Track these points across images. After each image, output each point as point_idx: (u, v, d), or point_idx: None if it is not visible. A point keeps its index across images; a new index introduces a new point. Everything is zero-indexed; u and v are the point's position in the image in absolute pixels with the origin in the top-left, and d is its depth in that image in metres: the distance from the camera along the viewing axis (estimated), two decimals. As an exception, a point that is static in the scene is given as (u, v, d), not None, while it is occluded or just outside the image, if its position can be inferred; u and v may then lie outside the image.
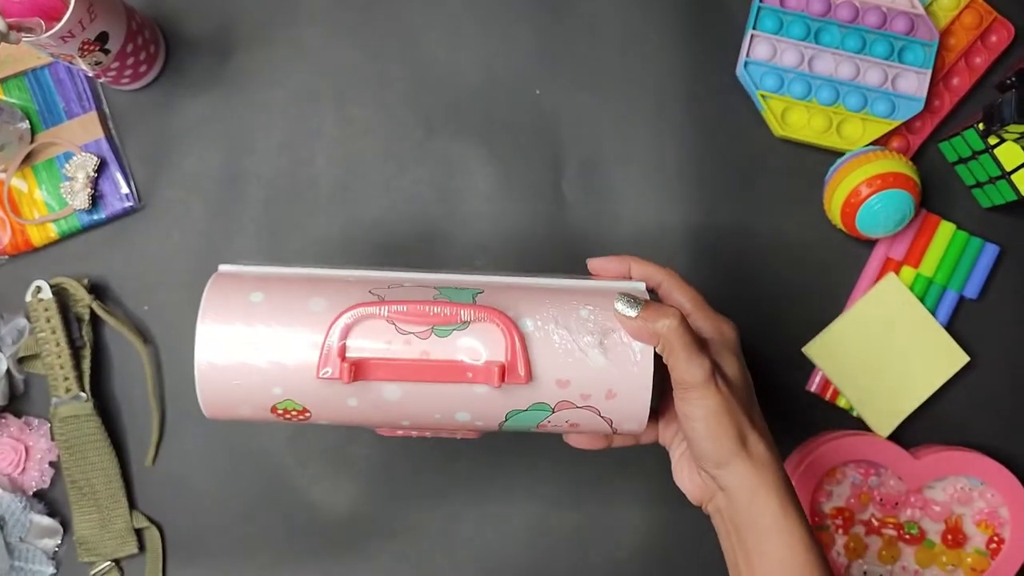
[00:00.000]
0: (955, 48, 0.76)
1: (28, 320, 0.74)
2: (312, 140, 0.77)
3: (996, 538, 0.73)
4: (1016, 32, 0.76)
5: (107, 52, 0.70)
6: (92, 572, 0.75)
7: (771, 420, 0.76)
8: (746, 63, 0.75)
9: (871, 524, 0.73)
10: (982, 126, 0.71)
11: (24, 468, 0.75)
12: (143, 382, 0.76)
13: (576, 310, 0.55)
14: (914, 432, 0.76)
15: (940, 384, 0.75)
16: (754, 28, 0.75)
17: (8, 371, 0.74)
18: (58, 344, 0.73)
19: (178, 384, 0.76)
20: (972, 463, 0.72)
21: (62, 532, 0.76)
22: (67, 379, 0.73)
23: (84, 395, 0.74)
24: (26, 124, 0.76)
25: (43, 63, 0.76)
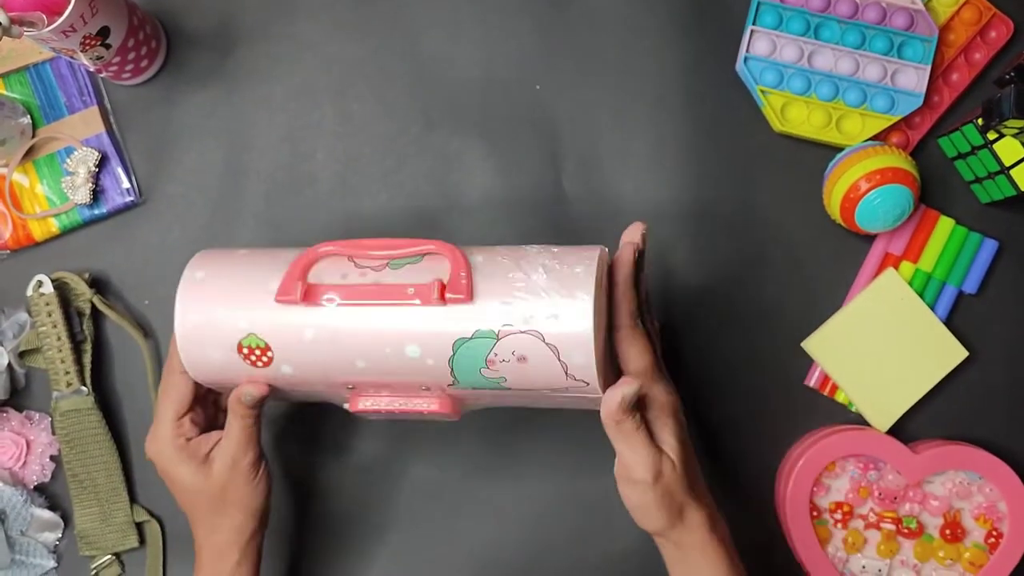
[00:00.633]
0: (954, 44, 0.76)
1: (29, 314, 0.74)
2: (312, 134, 0.77)
3: (995, 532, 0.73)
4: (1015, 28, 0.76)
5: (108, 47, 0.70)
6: (93, 566, 0.76)
7: (770, 415, 0.77)
8: (746, 58, 0.75)
9: (870, 518, 0.73)
10: (981, 121, 0.71)
11: (25, 462, 0.75)
12: (144, 376, 0.76)
13: (525, 249, 0.58)
14: (913, 427, 0.76)
15: (939, 379, 0.75)
16: (754, 23, 0.75)
17: (9, 365, 0.74)
18: (59, 338, 0.73)
19: (179, 378, 0.77)
20: (971, 458, 0.72)
21: (63, 526, 0.76)
22: (68, 373, 0.73)
23: (85, 389, 0.74)
24: (27, 119, 0.76)
25: (45, 58, 0.76)
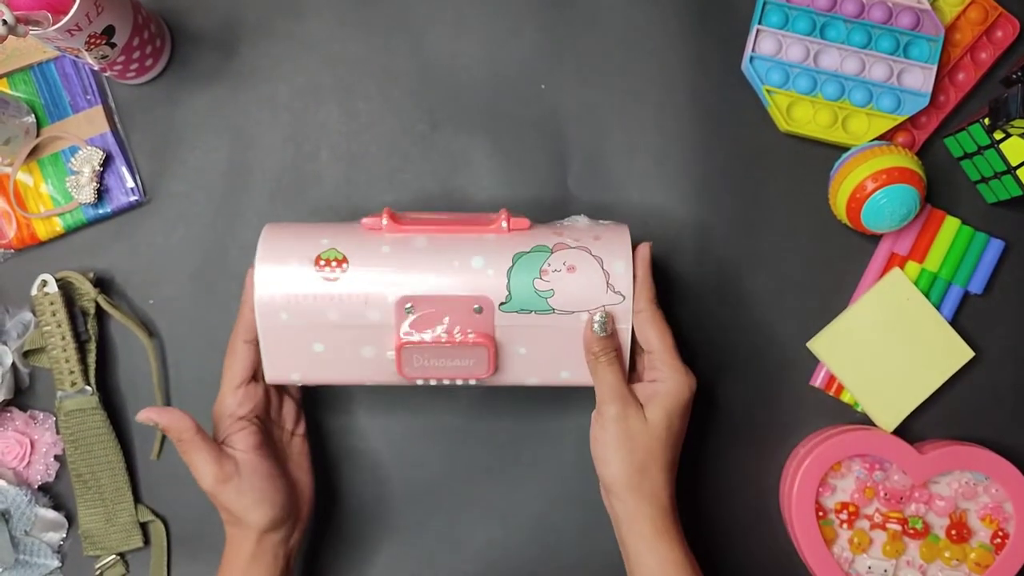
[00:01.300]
0: (960, 43, 0.76)
1: (34, 314, 0.74)
2: (317, 134, 0.77)
3: (1001, 533, 0.73)
4: (1021, 27, 0.76)
5: (113, 46, 0.70)
6: (97, 566, 0.76)
7: (776, 415, 0.77)
8: (751, 58, 0.75)
9: (875, 519, 0.73)
10: (987, 121, 0.71)
11: (29, 462, 0.75)
12: (148, 376, 0.76)
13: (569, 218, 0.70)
14: (919, 427, 0.76)
15: (945, 379, 0.75)
16: (760, 23, 0.75)
17: (13, 365, 0.74)
18: (63, 338, 0.73)
19: (183, 378, 0.76)
20: (977, 458, 0.72)
21: (67, 526, 0.76)
22: (72, 373, 0.73)
23: (89, 389, 0.74)
24: (32, 118, 0.76)
25: (49, 57, 0.76)
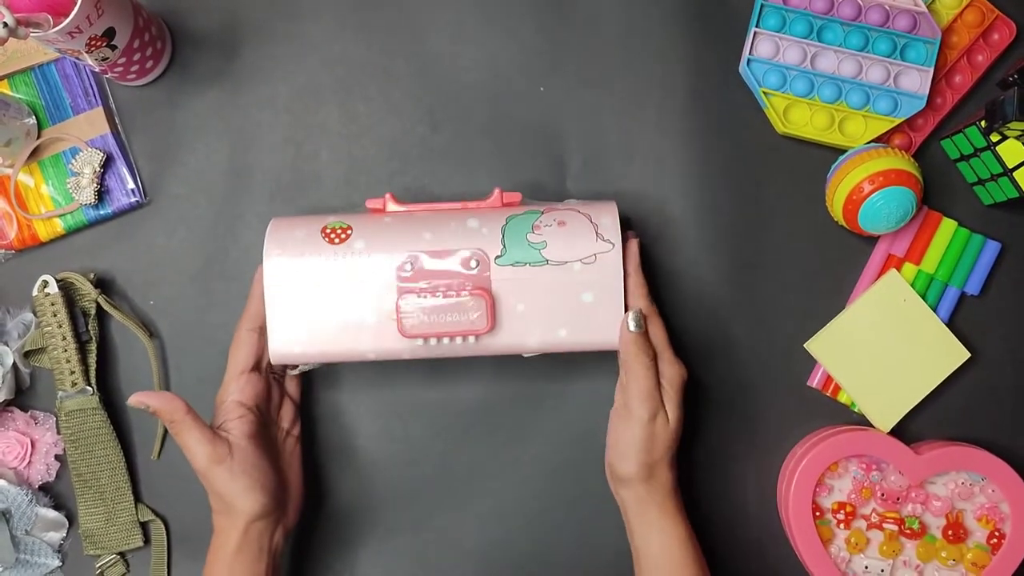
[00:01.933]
0: (957, 46, 0.76)
1: (34, 314, 0.74)
2: (317, 135, 0.78)
3: (997, 533, 0.73)
4: (1018, 30, 0.76)
5: (114, 48, 0.70)
6: (97, 565, 0.76)
7: (773, 415, 0.77)
8: (749, 60, 0.76)
9: (872, 519, 0.73)
10: (984, 123, 0.71)
11: (30, 462, 0.75)
12: (149, 376, 0.76)
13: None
14: (915, 427, 0.76)
15: (941, 380, 0.75)
16: (757, 26, 0.75)
17: (14, 365, 0.74)
18: (64, 338, 0.73)
19: (184, 378, 0.77)
20: (973, 458, 0.73)
21: (68, 525, 0.76)
22: (73, 373, 0.74)
23: (90, 389, 0.74)
24: (33, 120, 0.76)
25: (50, 59, 0.76)
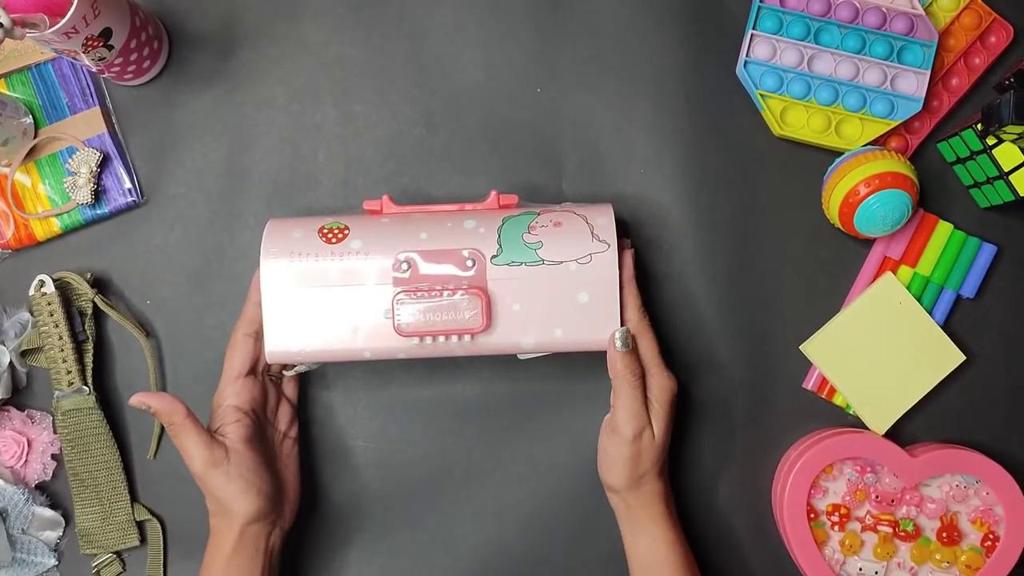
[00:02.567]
0: (954, 49, 0.76)
1: (31, 314, 0.74)
2: (314, 136, 0.78)
3: (991, 536, 0.73)
4: (1015, 33, 0.76)
5: (111, 48, 0.70)
6: (94, 564, 0.76)
7: (768, 417, 0.77)
8: (746, 62, 0.76)
9: (867, 521, 0.73)
10: (980, 127, 0.71)
11: (27, 461, 0.75)
12: (145, 376, 0.76)
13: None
14: (910, 430, 0.76)
15: (936, 383, 0.75)
16: (754, 28, 0.75)
17: (11, 364, 0.75)
18: (61, 338, 0.73)
19: (180, 377, 0.77)
20: (968, 461, 0.73)
21: (64, 524, 0.76)
22: (70, 373, 0.74)
23: (86, 389, 0.74)
24: (29, 119, 0.76)
25: (47, 58, 0.76)
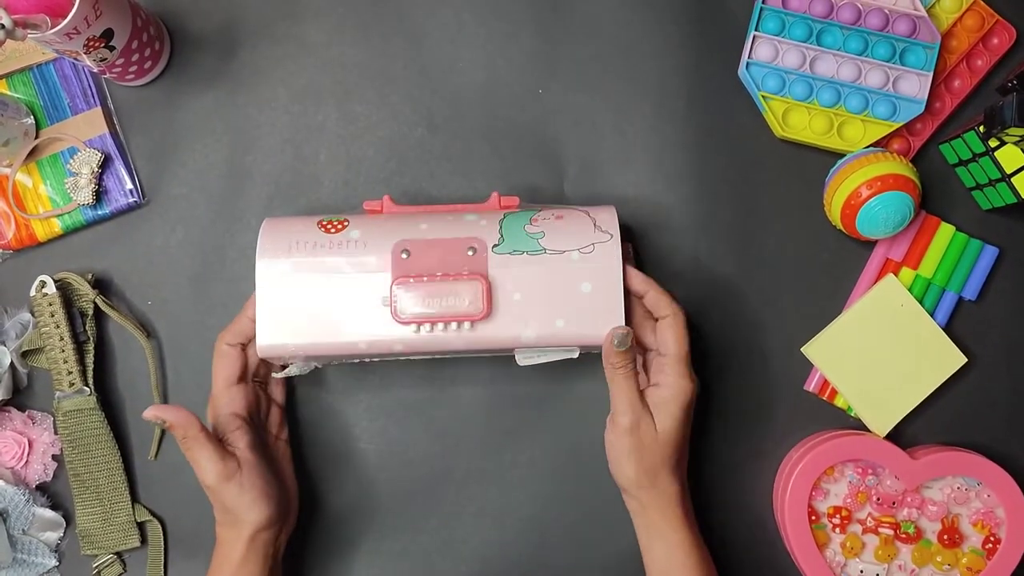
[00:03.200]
0: (956, 50, 0.76)
1: (32, 314, 0.74)
2: (315, 137, 0.78)
3: (992, 538, 0.73)
4: (1017, 35, 0.76)
5: (112, 49, 0.70)
6: (94, 565, 0.76)
7: (769, 419, 0.77)
8: (748, 64, 0.75)
9: (868, 523, 0.73)
10: (983, 129, 0.71)
11: (27, 461, 0.75)
12: (146, 376, 0.76)
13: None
14: (912, 432, 0.76)
15: (938, 385, 0.75)
16: (756, 29, 0.75)
17: (12, 365, 0.74)
18: (62, 339, 0.73)
19: (181, 378, 0.77)
20: (969, 463, 0.73)
21: (65, 525, 0.76)
22: (71, 373, 0.74)
23: (87, 389, 0.74)
24: (31, 119, 0.76)
25: (48, 59, 0.76)
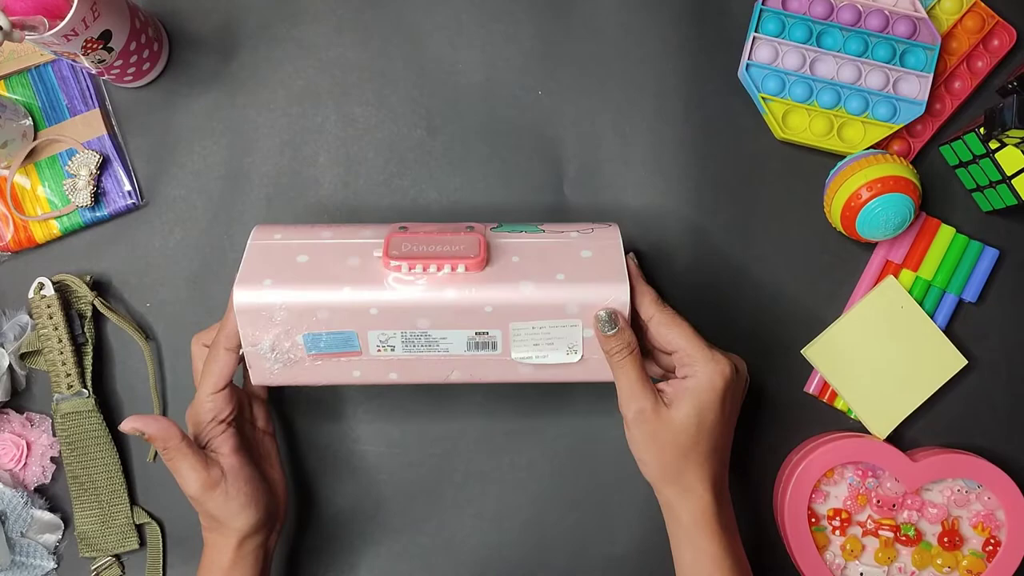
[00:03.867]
0: (957, 52, 0.76)
1: (30, 316, 0.74)
2: (314, 138, 0.77)
3: (993, 540, 0.73)
4: (1018, 36, 0.76)
5: (110, 50, 0.70)
6: (93, 567, 0.76)
7: (769, 421, 0.77)
8: (748, 65, 0.75)
9: (868, 525, 0.73)
10: (983, 130, 0.71)
11: (26, 464, 0.75)
12: (145, 379, 0.76)
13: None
14: (912, 434, 0.76)
15: (938, 387, 0.75)
16: (756, 31, 0.75)
17: (10, 367, 0.74)
18: (60, 340, 0.73)
19: (179, 380, 0.77)
20: (969, 466, 0.73)
21: (63, 527, 0.76)
22: (69, 375, 0.73)
23: (86, 391, 0.74)
24: (29, 121, 0.76)
25: (46, 60, 0.76)
